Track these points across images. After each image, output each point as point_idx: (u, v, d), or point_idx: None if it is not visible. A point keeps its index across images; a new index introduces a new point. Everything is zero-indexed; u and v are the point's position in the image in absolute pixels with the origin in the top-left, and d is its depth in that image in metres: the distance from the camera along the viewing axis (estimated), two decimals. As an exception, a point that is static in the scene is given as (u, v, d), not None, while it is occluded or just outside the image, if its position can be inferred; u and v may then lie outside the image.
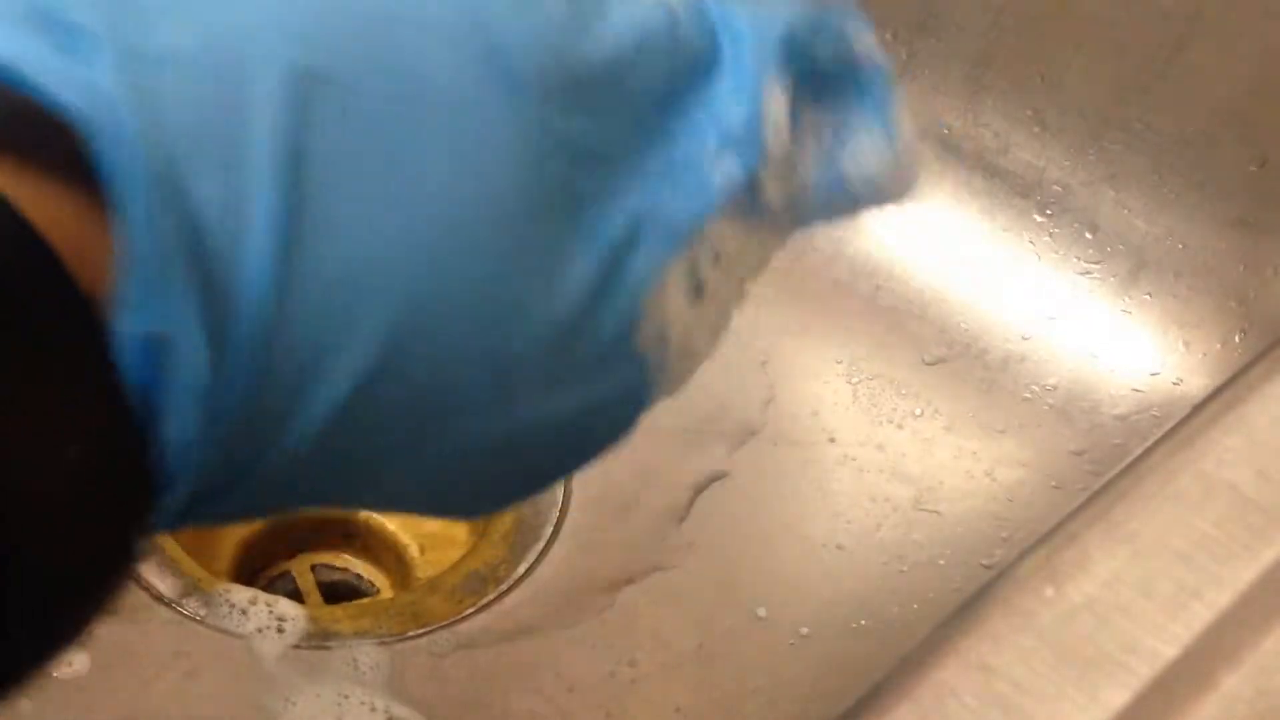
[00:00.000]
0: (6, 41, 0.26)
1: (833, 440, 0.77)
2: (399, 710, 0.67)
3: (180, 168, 0.26)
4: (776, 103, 0.34)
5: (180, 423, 0.27)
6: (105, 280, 0.26)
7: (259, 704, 0.67)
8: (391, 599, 0.73)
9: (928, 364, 0.79)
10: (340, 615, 0.71)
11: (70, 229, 0.26)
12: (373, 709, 0.67)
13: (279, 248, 0.27)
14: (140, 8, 0.27)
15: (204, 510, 0.29)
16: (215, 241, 0.27)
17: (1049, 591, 0.42)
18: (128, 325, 0.26)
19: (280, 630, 0.69)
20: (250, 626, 0.69)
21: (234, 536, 0.75)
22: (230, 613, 0.70)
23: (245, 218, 0.27)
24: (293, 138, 0.27)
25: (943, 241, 0.81)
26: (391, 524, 0.76)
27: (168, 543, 0.71)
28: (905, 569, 0.74)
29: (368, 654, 0.69)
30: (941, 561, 0.74)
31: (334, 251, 0.28)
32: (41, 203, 0.26)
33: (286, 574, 0.75)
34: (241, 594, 0.71)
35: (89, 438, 0.25)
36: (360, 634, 0.70)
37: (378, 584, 0.75)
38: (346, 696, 0.67)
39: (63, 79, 0.26)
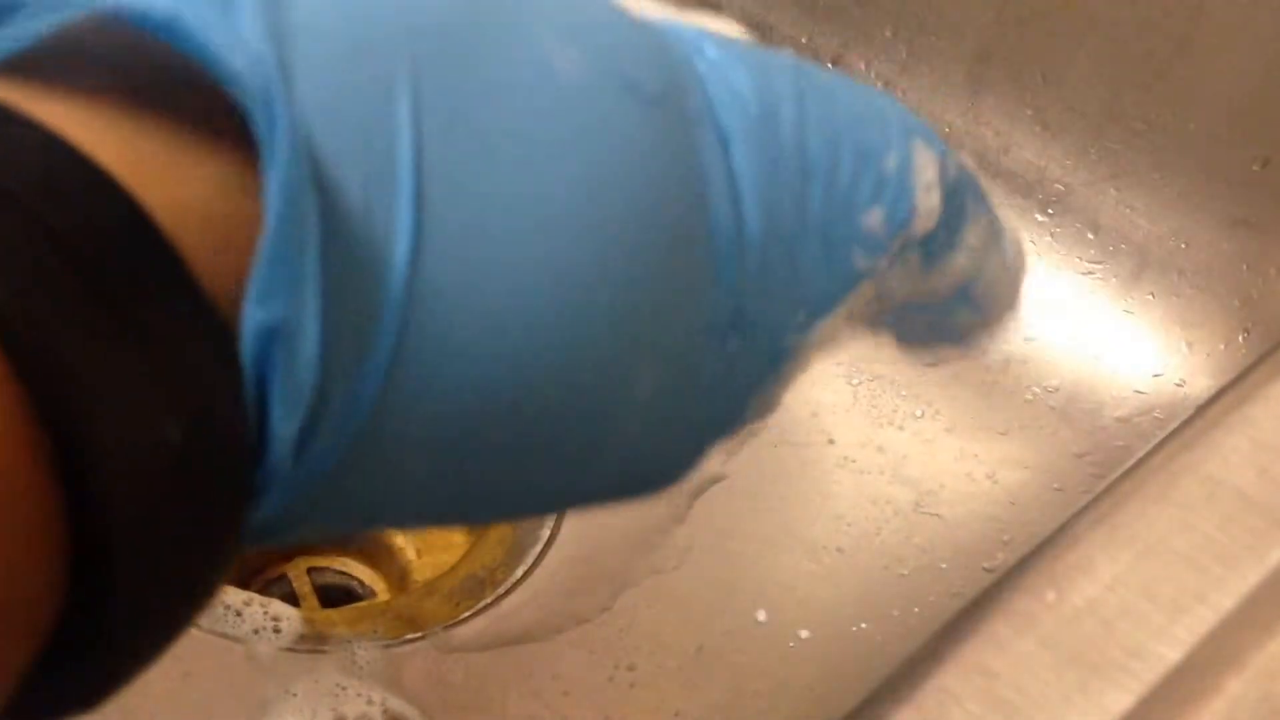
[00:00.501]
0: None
1: (832, 442, 0.77)
2: (394, 703, 0.67)
3: (319, 147, 0.25)
4: (926, 162, 0.33)
5: (290, 415, 0.25)
6: (237, 250, 0.25)
7: (255, 706, 0.67)
8: (388, 602, 0.73)
9: (928, 365, 0.79)
10: (337, 618, 0.71)
11: (203, 198, 0.25)
12: (369, 705, 0.67)
13: (415, 249, 0.26)
14: None
15: (296, 524, 0.27)
16: (356, 232, 0.25)
17: (1051, 595, 0.42)
18: (255, 308, 0.24)
19: (276, 633, 0.69)
20: (246, 629, 0.69)
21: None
22: (226, 615, 0.70)
23: (391, 212, 0.25)
24: (424, 132, 0.26)
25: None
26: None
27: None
28: (906, 572, 0.73)
29: (365, 656, 0.69)
30: (942, 565, 0.74)
31: (459, 253, 0.26)
32: (171, 166, 0.24)
33: (283, 577, 0.74)
34: (237, 596, 0.70)
35: (194, 416, 0.23)
36: (357, 637, 0.69)
37: (375, 587, 0.75)
38: (344, 690, 0.67)
39: (226, 41, 0.24)
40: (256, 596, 0.70)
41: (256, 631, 0.69)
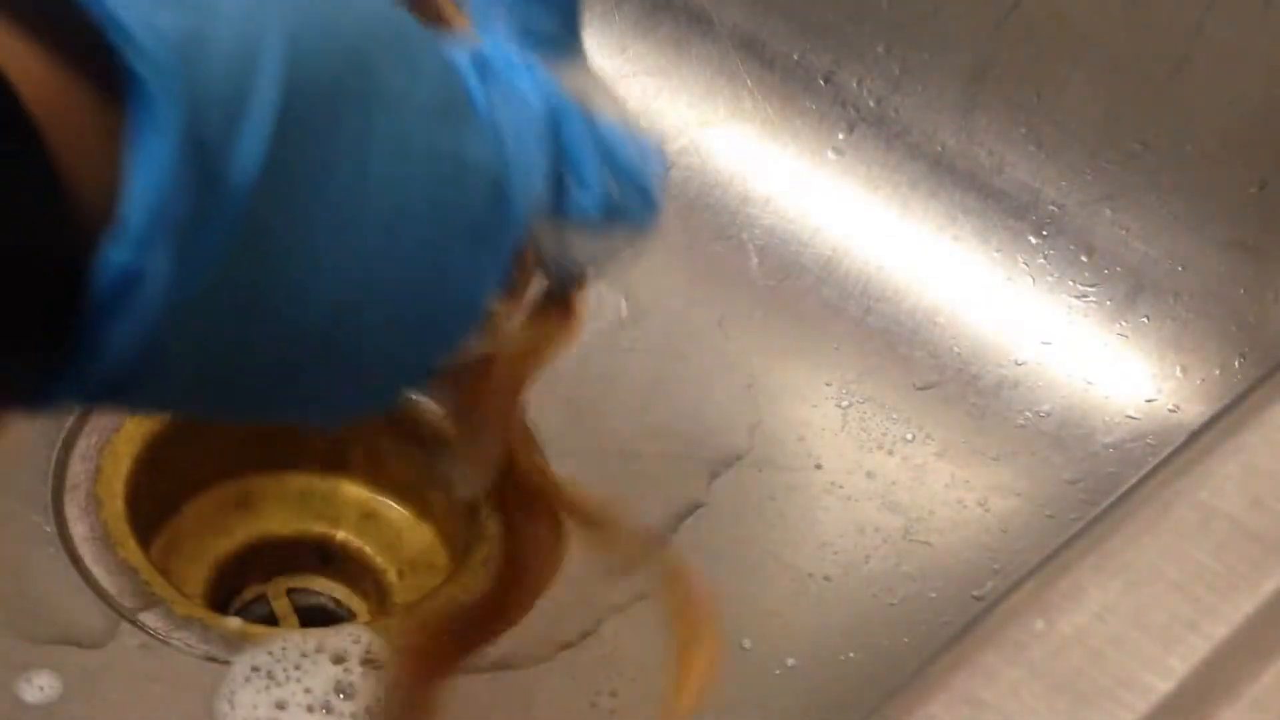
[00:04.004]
0: None
1: (820, 467, 0.77)
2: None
3: (202, 115, 0.29)
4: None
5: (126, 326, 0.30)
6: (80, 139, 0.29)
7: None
8: (368, 624, 0.72)
9: (919, 389, 0.79)
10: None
11: (61, 98, 0.29)
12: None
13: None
14: None
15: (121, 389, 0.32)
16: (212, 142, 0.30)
17: (1041, 624, 0.43)
18: (115, 250, 0.29)
19: (247, 681, 0.68)
20: (224, 651, 0.69)
21: (208, 560, 0.74)
22: (204, 636, 0.69)
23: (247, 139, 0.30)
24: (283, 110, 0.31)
25: (935, 263, 0.81)
26: (369, 547, 0.76)
27: (141, 566, 0.71)
28: (894, 601, 0.73)
29: (343, 679, 0.68)
30: (932, 594, 0.73)
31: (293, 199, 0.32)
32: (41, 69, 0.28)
33: (262, 598, 0.74)
34: (215, 618, 0.70)
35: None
36: (336, 659, 0.69)
37: (354, 609, 0.75)
38: (325, 711, 0.67)
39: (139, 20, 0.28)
40: (236, 619, 0.71)
41: (235, 655, 0.68)
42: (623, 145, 0.40)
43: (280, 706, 0.67)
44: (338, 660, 0.68)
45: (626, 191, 0.40)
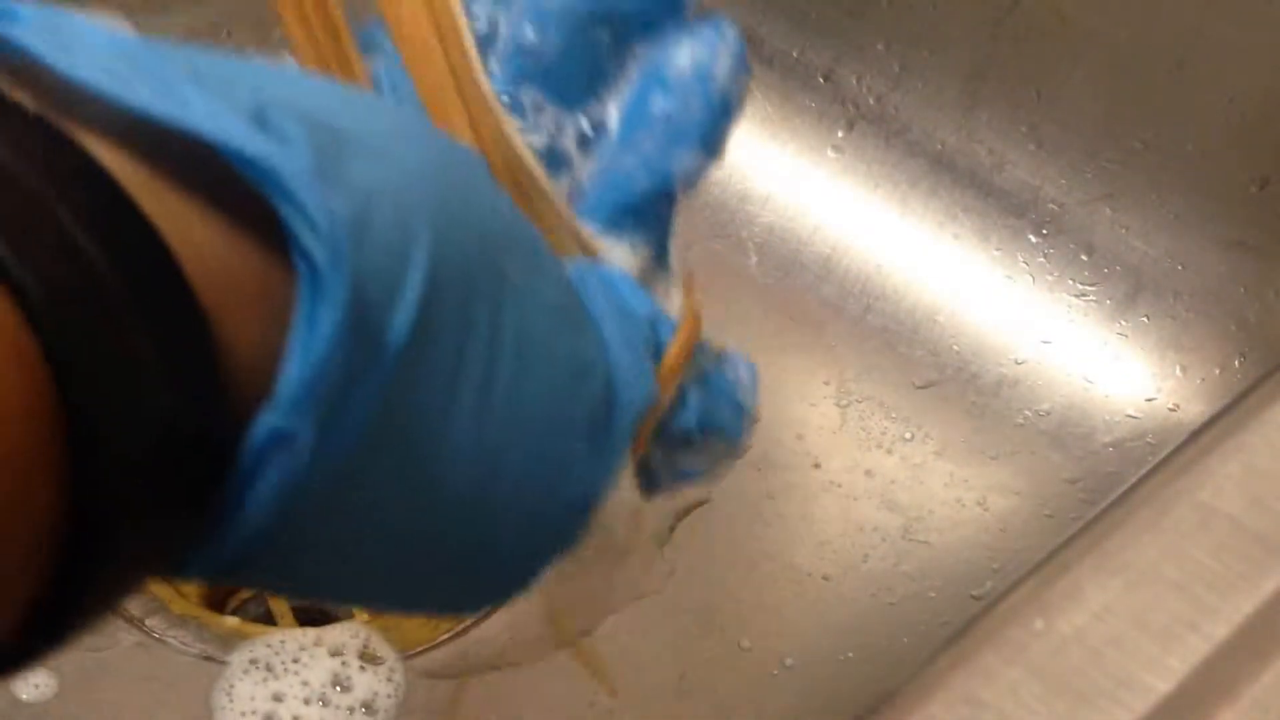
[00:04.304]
0: (254, 142, 0.29)
1: (819, 465, 0.77)
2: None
3: (367, 298, 0.30)
4: None
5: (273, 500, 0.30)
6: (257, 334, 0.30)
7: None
8: (365, 624, 0.72)
9: (918, 387, 0.79)
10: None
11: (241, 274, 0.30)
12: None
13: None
14: (338, 138, 0.31)
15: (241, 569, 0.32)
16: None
17: (1039, 624, 0.43)
18: (270, 414, 0.30)
19: (245, 674, 0.68)
20: (221, 650, 0.69)
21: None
22: (200, 635, 0.70)
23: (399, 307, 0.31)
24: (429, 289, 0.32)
25: (935, 261, 0.81)
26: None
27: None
28: (893, 600, 0.73)
29: (341, 678, 0.68)
30: (931, 593, 0.73)
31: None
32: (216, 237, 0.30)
33: (258, 597, 0.74)
34: (212, 617, 0.70)
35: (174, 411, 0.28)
36: (334, 653, 0.69)
37: (352, 608, 0.73)
38: (323, 704, 0.67)
39: (315, 201, 0.29)
40: (233, 618, 0.71)
41: (232, 653, 0.68)
42: (717, 363, 0.41)
43: (278, 699, 0.67)
44: (335, 654, 0.68)
45: (723, 409, 0.41)
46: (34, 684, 0.68)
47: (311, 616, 0.74)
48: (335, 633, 0.70)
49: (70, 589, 0.28)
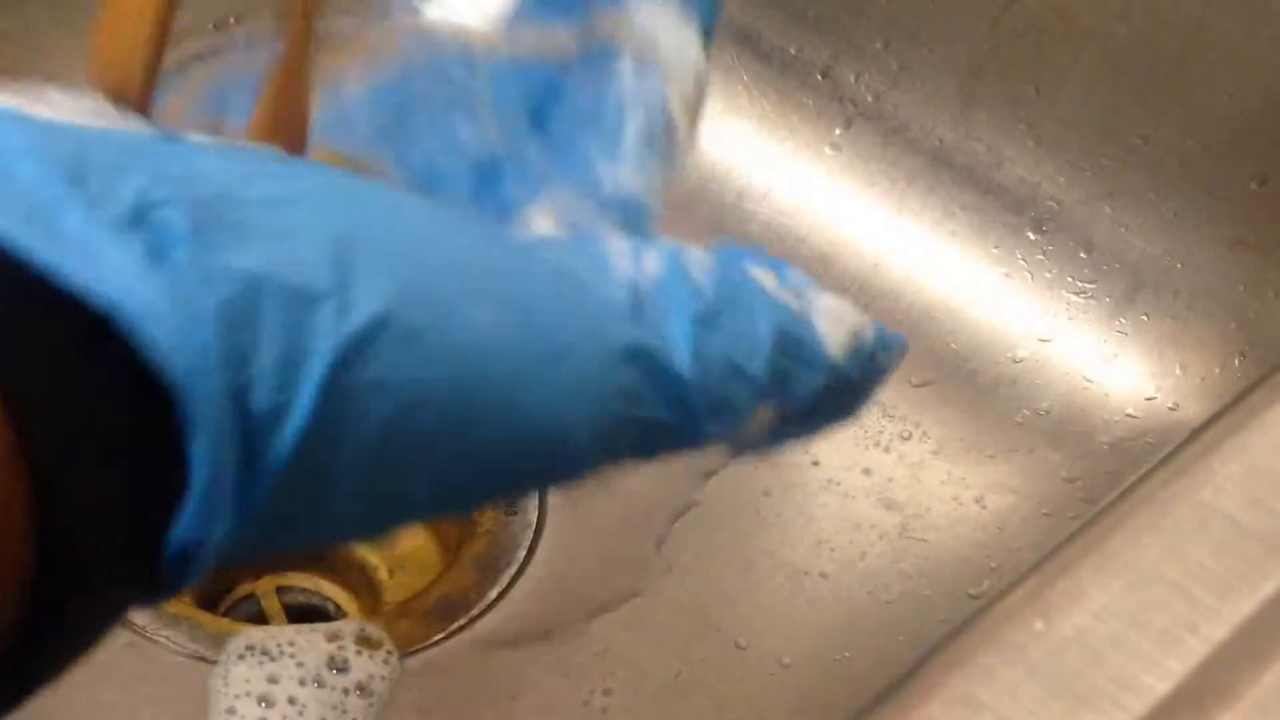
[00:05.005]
0: (99, 263, 0.29)
1: (816, 463, 0.77)
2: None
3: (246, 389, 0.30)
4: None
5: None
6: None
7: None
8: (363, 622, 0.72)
9: (916, 385, 0.79)
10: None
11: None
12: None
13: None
14: (236, 210, 0.31)
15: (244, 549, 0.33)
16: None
17: (1039, 624, 0.42)
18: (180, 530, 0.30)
19: (241, 658, 0.68)
20: (212, 650, 0.69)
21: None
22: (192, 635, 0.70)
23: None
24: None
25: (932, 259, 0.81)
26: (359, 545, 0.75)
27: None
28: (891, 599, 0.73)
29: (337, 655, 0.68)
30: (928, 592, 0.73)
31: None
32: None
33: (251, 596, 0.74)
34: (204, 616, 0.70)
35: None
36: (331, 637, 0.69)
37: (345, 607, 0.75)
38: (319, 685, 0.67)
39: (172, 341, 0.29)
40: (225, 618, 0.71)
41: (223, 653, 0.68)
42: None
43: (273, 680, 0.67)
44: (332, 638, 0.69)
45: (864, 366, 0.40)
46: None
47: (304, 616, 0.74)
48: (331, 624, 0.70)
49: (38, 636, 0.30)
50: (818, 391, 0.38)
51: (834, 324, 0.38)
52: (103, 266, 0.29)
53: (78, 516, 0.29)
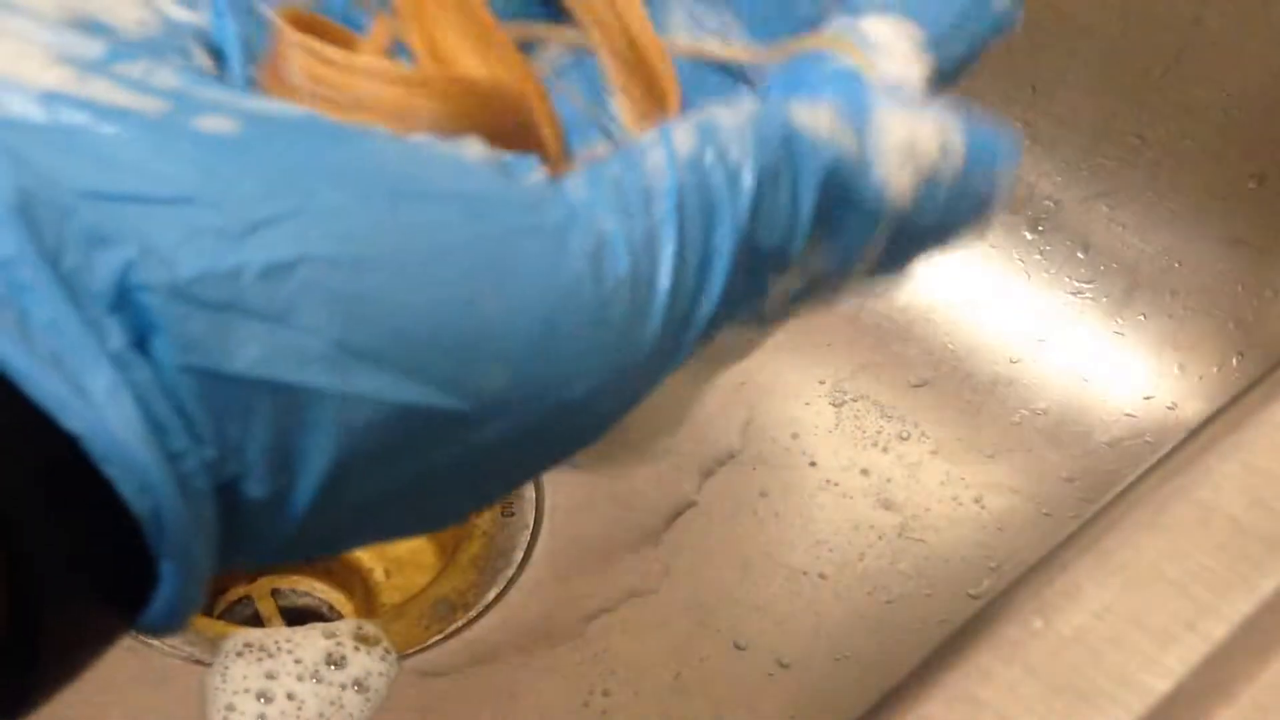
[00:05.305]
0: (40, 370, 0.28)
1: (814, 464, 0.77)
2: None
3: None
4: None
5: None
6: None
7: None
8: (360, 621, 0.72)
9: (914, 386, 0.79)
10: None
11: None
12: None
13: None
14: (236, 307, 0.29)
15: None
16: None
17: (1038, 623, 0.42)
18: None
19: (239, 655, 0.68)
20: (208, 653, 0.69)
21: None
22: (188, 638, 0.70)
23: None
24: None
25: (929, 259, 0.81)
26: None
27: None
28: (890, 599, 0.73)
29: (335, 651, 0.69)
30: (927, 592, 0.73)
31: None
32: None
33: (247, 598, 0.74)
34: (199, 619, 0.70)
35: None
36: (328, 634, 0.70)
37: (341, 609, 0.75)
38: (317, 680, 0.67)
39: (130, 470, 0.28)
40: (220, 620, 0.71)
41: (220, 655, 0.68)
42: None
43: (271, 676, 0.67)
44: (330, 635, 0.69)
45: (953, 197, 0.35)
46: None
47: (300, 618, 0.74)
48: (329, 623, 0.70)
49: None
50: (878, 240, 0.35)
51: (899, 166, 0.34)
52: (74, 377, 0.28)
53: (48, 587, 0.29)
